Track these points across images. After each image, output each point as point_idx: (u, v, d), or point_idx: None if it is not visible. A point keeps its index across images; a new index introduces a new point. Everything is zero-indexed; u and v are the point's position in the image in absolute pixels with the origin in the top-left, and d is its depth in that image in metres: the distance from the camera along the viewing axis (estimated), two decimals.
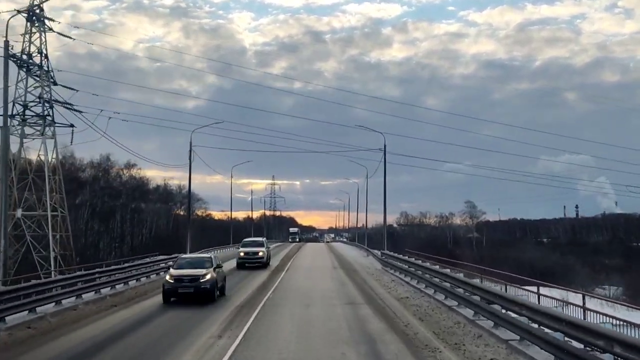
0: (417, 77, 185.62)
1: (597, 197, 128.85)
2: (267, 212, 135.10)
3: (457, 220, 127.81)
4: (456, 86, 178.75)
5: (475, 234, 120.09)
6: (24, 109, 43.00)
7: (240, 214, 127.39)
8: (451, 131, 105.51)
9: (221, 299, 19.27)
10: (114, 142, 78.53)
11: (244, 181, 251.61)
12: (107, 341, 12.87)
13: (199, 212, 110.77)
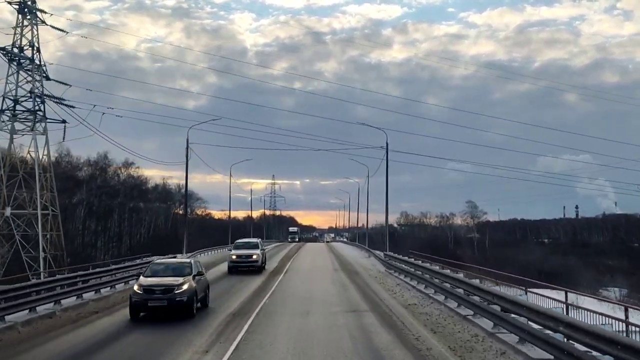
0: (417, 77, 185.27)
1: (597, 198, 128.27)
2: (267, 212, 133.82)
3: (458, 220, 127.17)
4: (456, 87, 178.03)
5: (476, 235, 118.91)
6: (15, 104, 41.67)
7: (240, 214, 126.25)
8: (452, 131, 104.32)
9: (202, 312, 16.55)
10: (107, 139, 77.27)
11: (244, 180, 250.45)
12: (80, 356, 11.40)
13: (199, 212, 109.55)
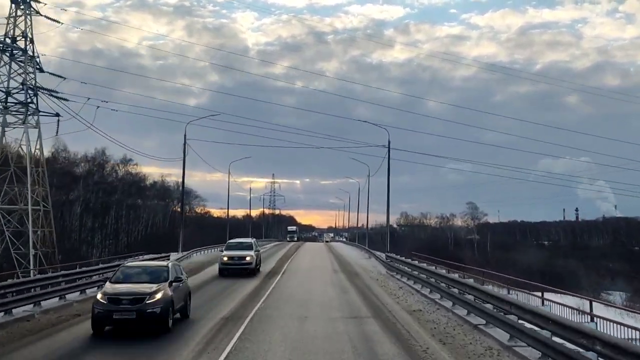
0: (418, 78, 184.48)
1: (597, 201, 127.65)
2: (267, 211, 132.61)
3: (459, 221, 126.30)
4: (457, 88, 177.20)
5: (476, 236, 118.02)
6: (6, 96, 40.49)
7: (239, 212, 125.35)
8: (452, 132, 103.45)
9: (182, 324, 14.38)
10: (102, 134, 74.96)
11: (244, 179, 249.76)
12: None
13: (198, 210, 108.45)
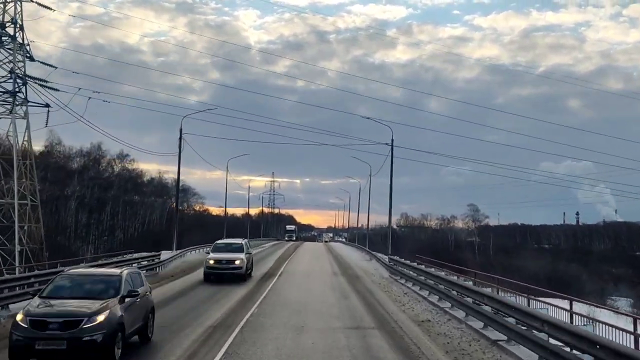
0: (420, 79, 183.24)
1: (597, 205, 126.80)
2: (266, 209, 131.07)
3: (459, 223, 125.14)
4: (459, 89, 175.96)
5: (477, 238, 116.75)
6: None
7: (238, 211, 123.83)
8: (454, 133, 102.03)
9: (162, 334, 12.44)
10: (93, 127, 72.88)
11: (244, 178, 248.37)
12: None
13: (196, 207, 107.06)
